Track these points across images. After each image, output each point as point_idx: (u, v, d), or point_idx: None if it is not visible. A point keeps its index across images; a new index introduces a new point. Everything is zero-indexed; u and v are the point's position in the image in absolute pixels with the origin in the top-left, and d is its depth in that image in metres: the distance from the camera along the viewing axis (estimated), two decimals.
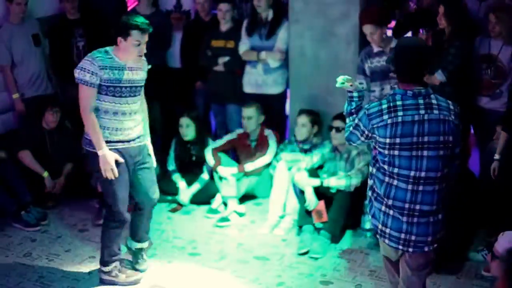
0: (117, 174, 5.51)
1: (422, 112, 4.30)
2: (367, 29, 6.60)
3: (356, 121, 4.48)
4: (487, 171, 6.27)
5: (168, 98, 8.28)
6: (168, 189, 7.55)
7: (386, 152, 4.35)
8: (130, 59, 5.55)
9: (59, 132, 7.60)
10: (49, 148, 7.51)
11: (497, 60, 6.52)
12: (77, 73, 5.43)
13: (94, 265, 6.24)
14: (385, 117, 4.31)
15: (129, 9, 8.84)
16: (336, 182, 6.56)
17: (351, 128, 4.55)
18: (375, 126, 4.34)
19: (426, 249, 4.46)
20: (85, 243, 6.70)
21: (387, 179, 4.41)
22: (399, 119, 4.29)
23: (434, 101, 4.35)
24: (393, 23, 7.70)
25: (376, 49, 6.66)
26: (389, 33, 7.00)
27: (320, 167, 6.91)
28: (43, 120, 7.48)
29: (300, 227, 6.70)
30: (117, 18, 8.27)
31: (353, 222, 6.68)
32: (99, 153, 5.46)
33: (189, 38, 8.14)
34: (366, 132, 4.42)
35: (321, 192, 6.67)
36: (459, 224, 5.92)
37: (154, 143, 7.68)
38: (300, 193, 6.75)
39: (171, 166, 7.64)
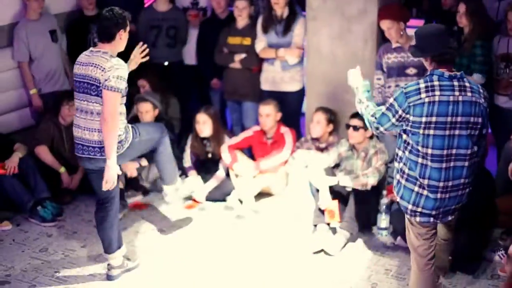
0: None
1: (456, 93, 4.53)
2: (384, 24, 6.60)
3: (391, 101, 4.63)
4: (504, 171, 6.23)
5: (184, 95, 8.29)
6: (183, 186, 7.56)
7: (421, 131, 4.54)
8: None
9: None
10: (66, 143, 7.53)
11: None
12: (114, 82, 5.34)
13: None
14: (423, 95, 4.52)
15: (146, 5, 8.85)
16: (353, 181, 6.53)
17: (383, 109, 4.69)
18: (411, 104, 4.52)
19: (449, 218, 4.82)
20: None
21: (420, 160, 4.62)
22: (436, 98, 4.51)
23: (467, 84, 4.61)
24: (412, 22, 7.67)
25: (394, 45, 6.64)
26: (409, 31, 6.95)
27: (337, 165, 6.88)
28: (59, 115, 7.51)
29: (315, 225, 6.68)
30: (134, 14, 8.37)
31: (369, 221, 6.66)
32: (111, 162, 5.49)
33: (205, 35, 8.15)
34: (400, 112, 4.57)
35: (337, 191, 6.65)
36: (475, 223, 5.90)
37: (171, 140, 7.74)
38: (316, 192, 6.72)
39: (187, 163, 7.64)
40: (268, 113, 7.31)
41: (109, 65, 5.34)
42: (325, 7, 7.13)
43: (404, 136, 4.67)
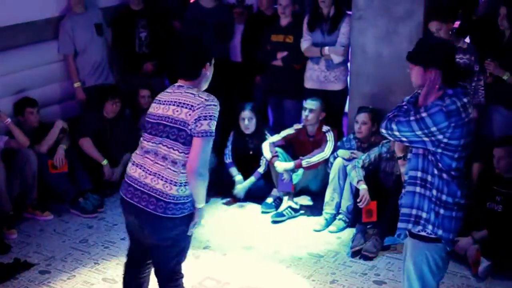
0: None
1: (470, 109, 4.16)
2: (433, 26, 6.54)
3: (423, 114, 4.07)
4: None
5: (228, 91, 8.31)
6: (224, 182, 7.57)
7: (456, 155, 4.12)
8: None
9: (119, 122, 7.69)
10: (109, 136, 7.60)
11: None
12: (211, 125, 4.25)
13: None
14: (463, 115, 4.06)
15: (191, 1, 8.87)
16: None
17: (410, 117, 4.11)
18: (453, 124, 4.03)
19: None
20: None
21: (456, 181, 4.20)
22: (470, 116, 4.14)
23: None
24: (457, 24, 7.62)
25: None
26: None
27: (374, 166, 6.79)
28: (104, 109, 7.57)
29: (355, 225, 6.65)
30: (180, 10, 8.38)
31: None
32: (201, 205, 4.45)
33: (251, 32, 8.16)
34: (432, 130, 4.05)
35: (377, 192, 6.58)
36: None
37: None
38: (356, 191, 6.68)
39: (228, 158, 7.66)
40: (313, 108, 7.27)
41: (198, 102, 4.28)
42: (371, 7, 7.07)
43: (432, 158, 4.18)
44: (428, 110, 4.06)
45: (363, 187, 6.49)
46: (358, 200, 6.50)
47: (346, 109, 7.76)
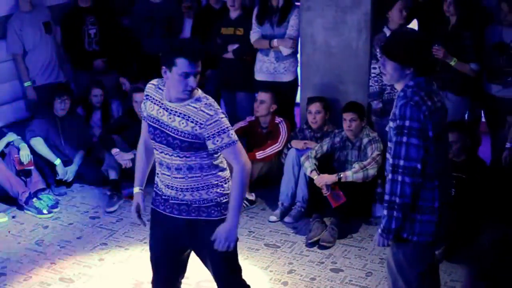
0: None
1: (439, 97, 4.03)
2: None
3: (407, 124, 3.86)
4: (498, 159, 6.27)
5: None
6: None
7: (433, 147, 3.95)
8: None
9: (70, 120, 7.63)
10: (61, 135, 7.54)
11: (509, 48, 6.50)
12: (234, 135, 4.17)
13: (105, 252, 6.29)
14: (429, 103, 3.90)
15: None
16: (354, 176, 6.42)
17: (404, 141, 3.89)
18: (427, 113, 3.86)
19: None
20: (96, 230, 6.73)
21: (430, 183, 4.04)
22: (437, 104, 3.97)
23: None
24: None
25: (388, 32, 6.64)
26: None
27: (330, 155, 6.85)
28: (54, 108, 7.52)
29: (310, 215, 6.70)
30: (128, 6, 8.35)
31: (364, 210, 6.68)
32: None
33: (200, 26, 8.15)
34: (422, 127, 3.86)
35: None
36: (469, 212, 5.92)
37: None
38: (311, 181, 6.72)
39: None
40: (264, 99, 7.28)
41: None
42: None
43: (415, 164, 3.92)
44: (403, 114, 3.88)
45: (316, 177, 6.54)
46: (324, 192, 6.52)
47: (297, 99, 7.81)
